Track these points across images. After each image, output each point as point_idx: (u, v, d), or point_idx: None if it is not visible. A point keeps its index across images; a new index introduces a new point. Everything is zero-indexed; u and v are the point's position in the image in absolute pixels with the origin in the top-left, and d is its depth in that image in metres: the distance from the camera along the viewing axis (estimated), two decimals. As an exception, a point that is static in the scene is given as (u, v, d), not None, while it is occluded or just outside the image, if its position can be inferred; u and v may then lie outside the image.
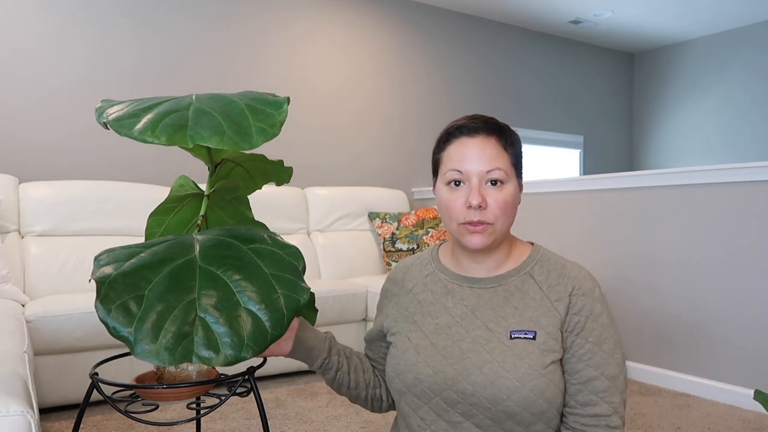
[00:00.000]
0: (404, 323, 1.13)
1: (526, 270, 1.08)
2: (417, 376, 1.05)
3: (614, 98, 5.92)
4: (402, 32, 4.53)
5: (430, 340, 1.07)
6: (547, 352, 1.00)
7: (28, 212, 2.89)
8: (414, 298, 1.15)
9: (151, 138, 0.74)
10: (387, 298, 1.20)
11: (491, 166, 1.03)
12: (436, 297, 1.12)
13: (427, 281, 1.15)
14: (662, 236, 2.88)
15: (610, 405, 0.99)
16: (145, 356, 0.71)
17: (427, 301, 1.12)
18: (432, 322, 1.09)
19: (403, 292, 1.17)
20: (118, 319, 0.73)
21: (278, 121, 0.82)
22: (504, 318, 1.04)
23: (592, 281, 1.06)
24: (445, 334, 1.06)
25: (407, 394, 1.07)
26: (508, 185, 1.04)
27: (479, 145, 1.04)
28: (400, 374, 1.07)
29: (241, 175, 1.12)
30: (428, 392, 1.04)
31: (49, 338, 2.33)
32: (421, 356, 1.06)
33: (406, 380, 1.06)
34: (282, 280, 0.84)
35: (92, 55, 3.36)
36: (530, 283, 1.07)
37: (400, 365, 1.08)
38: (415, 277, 1.17)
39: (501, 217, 1.03)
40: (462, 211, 1.03)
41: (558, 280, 1.06)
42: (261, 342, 0.77)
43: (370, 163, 4.36)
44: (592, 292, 1.04)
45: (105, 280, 0.76)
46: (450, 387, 1.01)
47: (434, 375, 1.03)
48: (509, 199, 1.04)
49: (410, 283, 1.17)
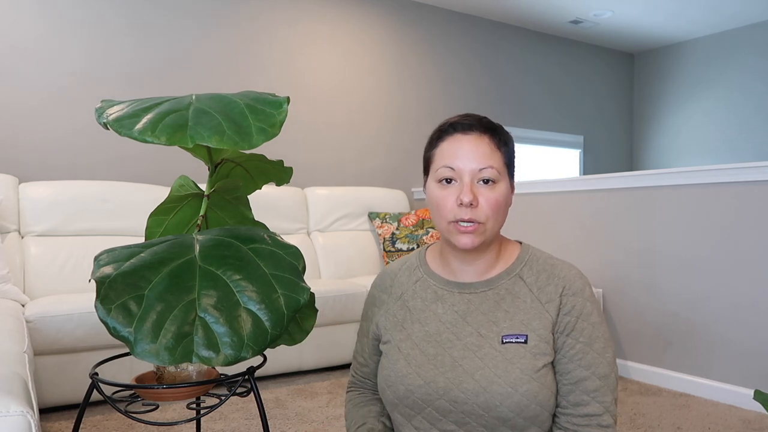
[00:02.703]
0: (394, 331, 1.10)
1: (516, 272, 1.07)
2: (408, 387, 1.03)
3: (614, 98, 5.92)
4: (402, 32, 4.53)
5: (420, 349, 1.05)
6: (538, 355, 0.99)
7: (28, 212, 2.89)
8: (403, 305, 1.12)
9: (151, 138, 0.74)
10: (375, 306, 1.17)
11: (484, 164, 1.01)
12: (426, 304, 1.09)
13: (416, 287, 1.13)
14: (662, 236, 2.88)
15: (602, 404, 0.98)
16: (145, 356, 0.71)
17: (416, 308, 1.10)
18: (422, 329, 1.07)
19: (391, 299, 1.14)
20: (118, 319, 0.73)
21: (278, 121, 0.82)
22: (495, 323, 1.03)
23: (582, 280, 1.05)
24: (435, 341, 1.05)
25: (400, 405, 1.05)
26: (500, 185, 1.03)
27: (472, 143, 1.02)
28: (391, 386, 1.06)
29: (241, 175, 1.12)
30: (420, 402, 1.02)
31: (49, 338, 2.33)
32: (412, 366, 1.04)
33: (398, 392, 1.04)
34: (282, 280, 0.84)
35: (92, 55, 3.36)
36: (520, 285, 1.05)
37: (390, 377, 1.06)
38: (404, 284, 1.15)
39: (492, 217, 1.02)
40: (453, 209, 1.01)
41: (548, 281, 1.05)
42: (261, 342, 0.77)
43: (370, 163, 4.36)
44: (582, 291, 1.04)
45: (105, 280, 0.76)
46: (442, 396, 1.00)
47: (425, 385, 1.01)
48: (501, 199, 1.03)
49: (399, 290, 1.14)
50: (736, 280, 2.60)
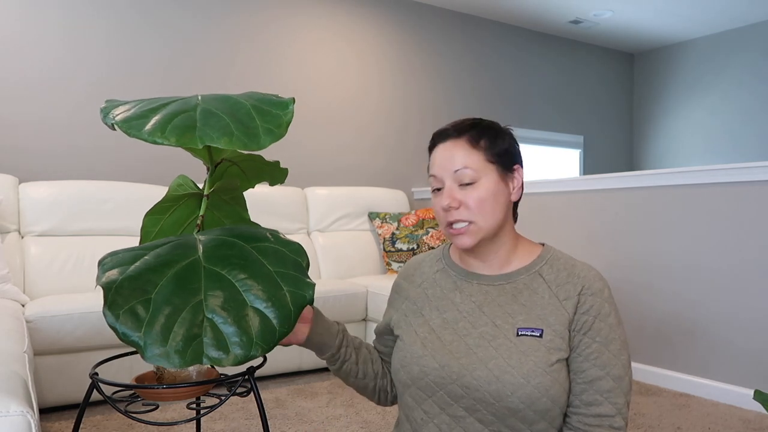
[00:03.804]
0: (412, 317, 1.14)
1: (536, 269, 1.09)
2: (422, 369, 1.05)
3: (614, 98, 5.93)
4: (402, 32, 4.52)
5: (437, 335, 1.08)
6: (553, 350, 1.00)
7: (28, 212, 2.89)
8: (423, 292, 1.16)
9: (161, 139, 0.74)
10: (397, 293, 1.22)
11: (458, 166, 1.05)
12: (445, 292, 1.13)
13: (437, 277, 1.17)
14: (662, 236, 2.88)
15: (614, 405, 0.99)
16: (155, 360, 0.71)
17: (435, 295, 1.14)
18: (439, 316, 1.10)
19: (412, 286, 1.19)
20: (127, 325, 0.73)
21: (285, 122, 0.82)
22: (511, 315, 1.05)
23: (601, 281, 1.06)
24: (452, 328, 1.07)
25: (412, 387, 1.07)
26: (482, 182, 1.04)
27: (448, 149, 1.07)
28: (405, 366, 1.08)
29: (236, 174, 1.12)
30: (433, 385, 1.04)
31: (49, 338, 2.33)
32: (428, 349, 1.07)
33: (412, 372, 1.07)
34: (287, 277, 0.84)
35: (92, 55, 3.36)
36: (539, 282, 1.07)
37: (406, 357, 1.09)
38: (425, 273, 1.19)
39: (479, 214, 1.04)
40: (442, 214, 1.07)
41: (567, 279, 1.06)
42: (270, 340, 0.77)
43: (371, 163, 4.36)
44: (601, 292, 1.04)
45: (111, 286, 0.76)
46: (455, 381, 1.02)
47: (440, 369, 1.04)
48: (485, 195, 1.04)
49: (420, 278, 1.19)
50: (736, 280, 2.60)
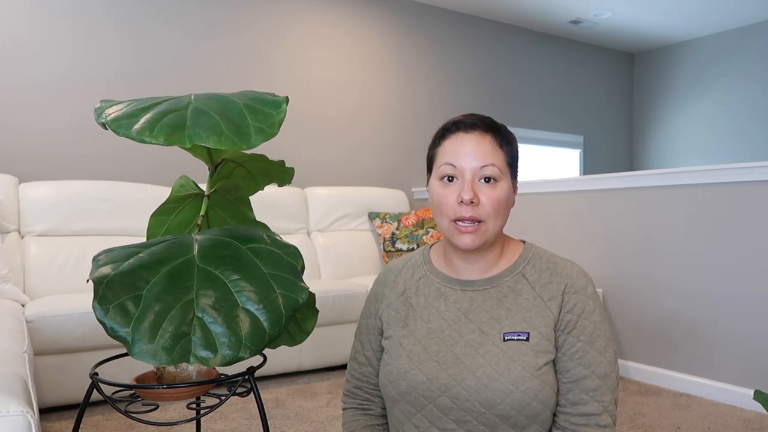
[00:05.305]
0: (396, 327, 1.10)
1: (519, 270, 1.07)
2: (410, 383, 1.03)
3: (614, 98, 5.92)
4: (402, 32, 4.53)
5: (423, 345, 1.05)
6: (540, 353, 0.99)
7: (28, 212, 2.89)
8: (406, 301, 1.12)
9: (149, 138, 0.74)
10: (378, 301, 1.17)
11: (485, 162, 1.01)
12: (429, 301, 1.10)
13: (420, 284, 1.13)
14: (662, 236, 2.87)
15: (600, 404, 0.98)
16: (142, 356, 0.71)
17: (419, 304, 1.10)
18: (424, 326, 1.07)
19: (394, 294, 1.15)
20: (115, 319, 0.73)
21: (277, 121, 0.82)
22: (497, 320, 1.03)
23: (584, 278, 1.05)
24: (438, 338, 1.05)
25: (401, 402, 1.05)
26: (501, 183, 1.03)
27: (475, 141, 1.02)
28: (393, 382, 1.05)
29: (242, 176, 1.12)
30: (422, 399, 1.02)
31: (49, 338, 2.33)
32: (414, 363, 1.04)
33: (400, 388, 1.04)
34: (280, 280, 0.83)
35: (93, 55, 3.36)
36: (523, 283, 1.05)
37: (393, 373, 1.06)
38: (407, 280, 1.15)
39: (493, 216, 1.01)
40: (453, 207, 1.02)
41: (550, 279, 1.04)
42: (259, 342, 0.77)
43: (371, 163, 4.36)
44: (584, 289, 1.03)
45: (103, 281, 0.76)
46: (444, 393, 1.00)
47: (428, 382, 1.01)
48: (502, 198, 1.02)
49: (402, 286, 1.14)
50: (736, 280, 2.60)
